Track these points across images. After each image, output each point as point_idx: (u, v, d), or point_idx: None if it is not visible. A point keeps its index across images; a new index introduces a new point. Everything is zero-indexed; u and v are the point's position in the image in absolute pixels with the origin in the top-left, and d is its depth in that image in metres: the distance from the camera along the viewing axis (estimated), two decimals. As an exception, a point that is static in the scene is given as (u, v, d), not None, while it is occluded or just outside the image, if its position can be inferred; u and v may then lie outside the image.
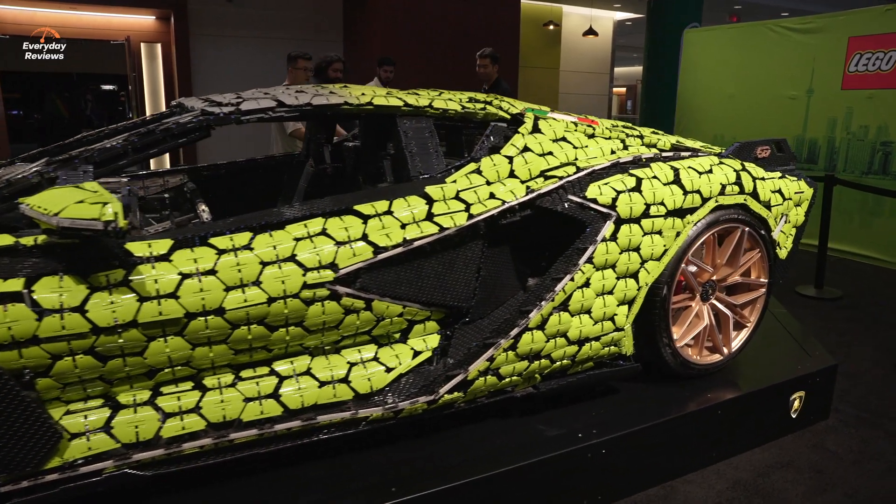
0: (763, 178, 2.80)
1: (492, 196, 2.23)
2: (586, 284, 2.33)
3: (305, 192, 3.24)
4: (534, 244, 2.41)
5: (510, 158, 2.33)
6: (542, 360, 2.32)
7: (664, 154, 2.73)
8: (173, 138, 1.97)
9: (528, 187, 2.29)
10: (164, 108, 9.63)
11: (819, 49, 6.36)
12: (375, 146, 2.85)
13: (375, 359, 2.12)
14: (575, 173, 2.38)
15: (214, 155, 8.63)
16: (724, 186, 2.61)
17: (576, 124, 2.59)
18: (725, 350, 2.83)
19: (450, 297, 2.18)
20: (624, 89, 25.80)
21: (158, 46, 9.88)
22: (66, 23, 9.47)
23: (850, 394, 3.35)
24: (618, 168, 2.50)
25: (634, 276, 2.43)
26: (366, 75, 7.57)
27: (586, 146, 2.54)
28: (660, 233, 2.45)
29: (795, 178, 2.97)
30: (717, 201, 2.59)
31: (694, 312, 2.71)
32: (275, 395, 1.94)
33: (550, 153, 2.41)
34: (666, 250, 2.47)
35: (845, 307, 4.81)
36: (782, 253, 2.93)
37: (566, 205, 2.31)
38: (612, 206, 2.35)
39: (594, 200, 2.34)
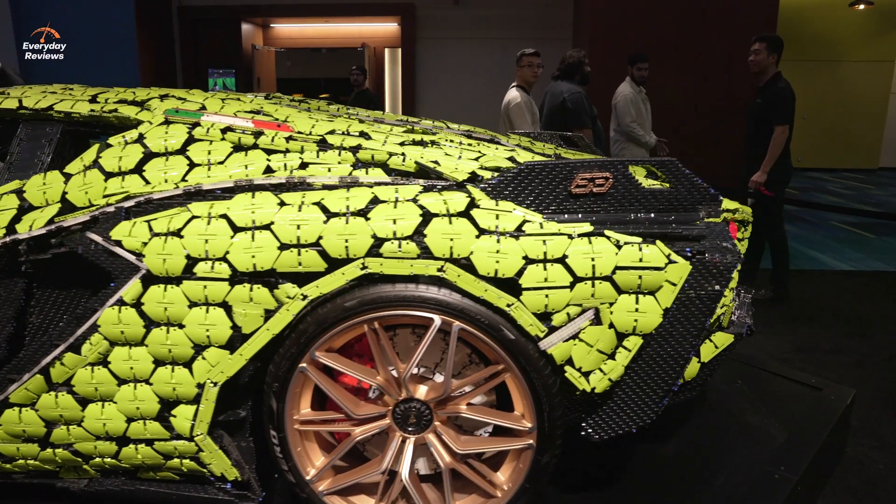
0: (514, 234, 1.50)
1: (8, 226, 1.69)
2: (102, 363, 1.60)
3: None
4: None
5: (67, 177, 1.72)
6: (61, 451, 1.70)
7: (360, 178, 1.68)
8: None
9: (51, 218, 1.66)
10: (400, 109, 10.28)
11: None
12: None
13: None
14: (119, 202, 1.63)
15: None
16: (380, 241, 1.49)
17: (227, 130, 1.77)
18: (443, 521, 1.66)
19: None
20: None
21: (399, 51, 10.54)
22: (323, 34, 10.80)
23: None
24: (199, 197, 1.63)
25: (188, 365, 1.58)
26: (601, 73, 6.67)
27: (219, 162, 1.73)
28: (227, 307, 1.53)
29: (637, 242, 1.53)
30: (364, 266, 1.50)
31: (352, 443, 1.64)
32: None
33: (138, 171, 1.70)
34: (242, 336, 1.54)
35: None
36: (591, 382, 1.54)
37: (85, 246, 1.60)
38: (140, 255, 1.55)
39: (119, 244, 1.57)
